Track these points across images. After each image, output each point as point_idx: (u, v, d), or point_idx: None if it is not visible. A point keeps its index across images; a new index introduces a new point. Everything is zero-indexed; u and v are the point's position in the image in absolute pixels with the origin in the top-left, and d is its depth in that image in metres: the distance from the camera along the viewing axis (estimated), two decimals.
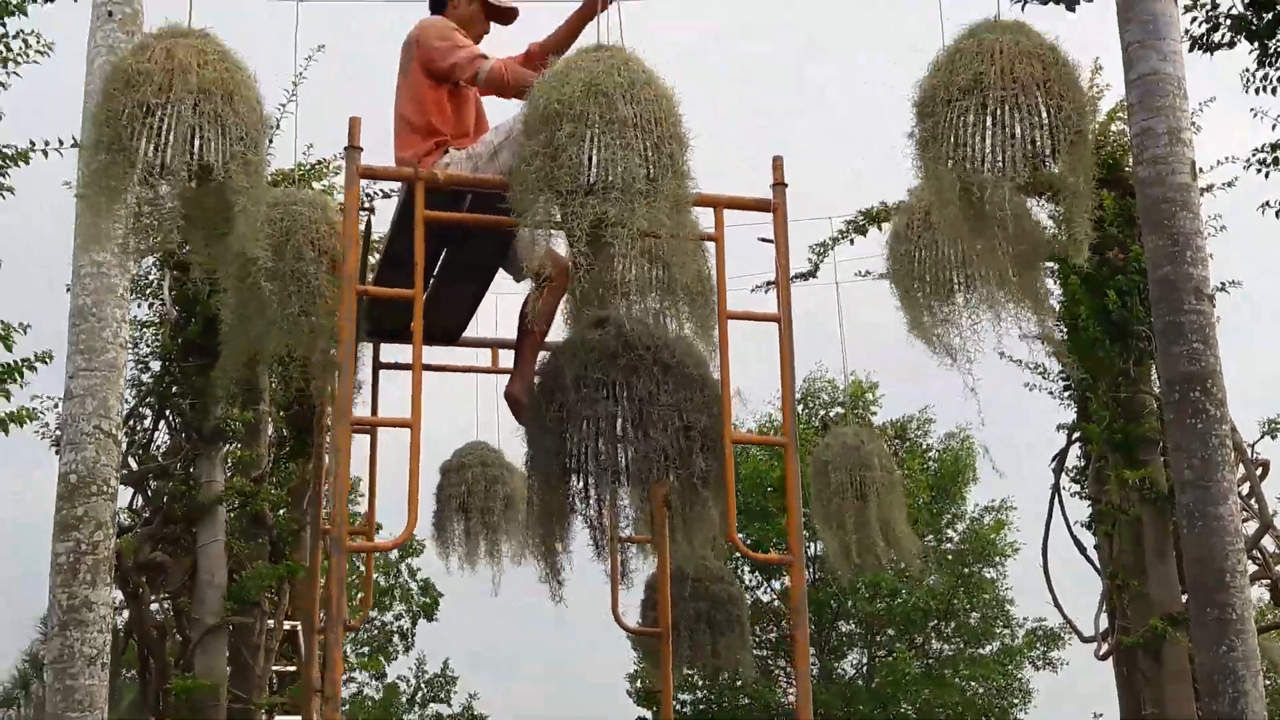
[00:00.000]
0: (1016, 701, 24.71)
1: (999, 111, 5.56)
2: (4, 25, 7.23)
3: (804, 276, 11.57)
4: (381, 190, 10.85)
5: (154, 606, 11.67)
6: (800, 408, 24.31)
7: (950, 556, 25.07)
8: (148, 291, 11.10)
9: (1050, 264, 9.47)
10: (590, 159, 5.11)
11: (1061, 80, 5.69)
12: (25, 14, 7.17)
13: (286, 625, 12.01)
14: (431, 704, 28.65)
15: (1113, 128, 11.06)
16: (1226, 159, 10.40)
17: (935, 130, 5.68)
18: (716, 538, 5.96)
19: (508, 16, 6.64)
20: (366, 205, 6.51)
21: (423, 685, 28.79)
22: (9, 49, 7.40)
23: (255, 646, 11.61)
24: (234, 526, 11.68)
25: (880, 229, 11.09)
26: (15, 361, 7.66)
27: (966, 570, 25.10)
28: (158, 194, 5.10)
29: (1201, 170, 10.76)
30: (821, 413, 24.33)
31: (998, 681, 24.41)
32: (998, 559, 25.03)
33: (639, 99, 5.23)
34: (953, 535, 25.42)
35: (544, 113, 5.21)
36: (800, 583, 5.63)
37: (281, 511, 12.11)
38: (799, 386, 24.56)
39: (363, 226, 6.17)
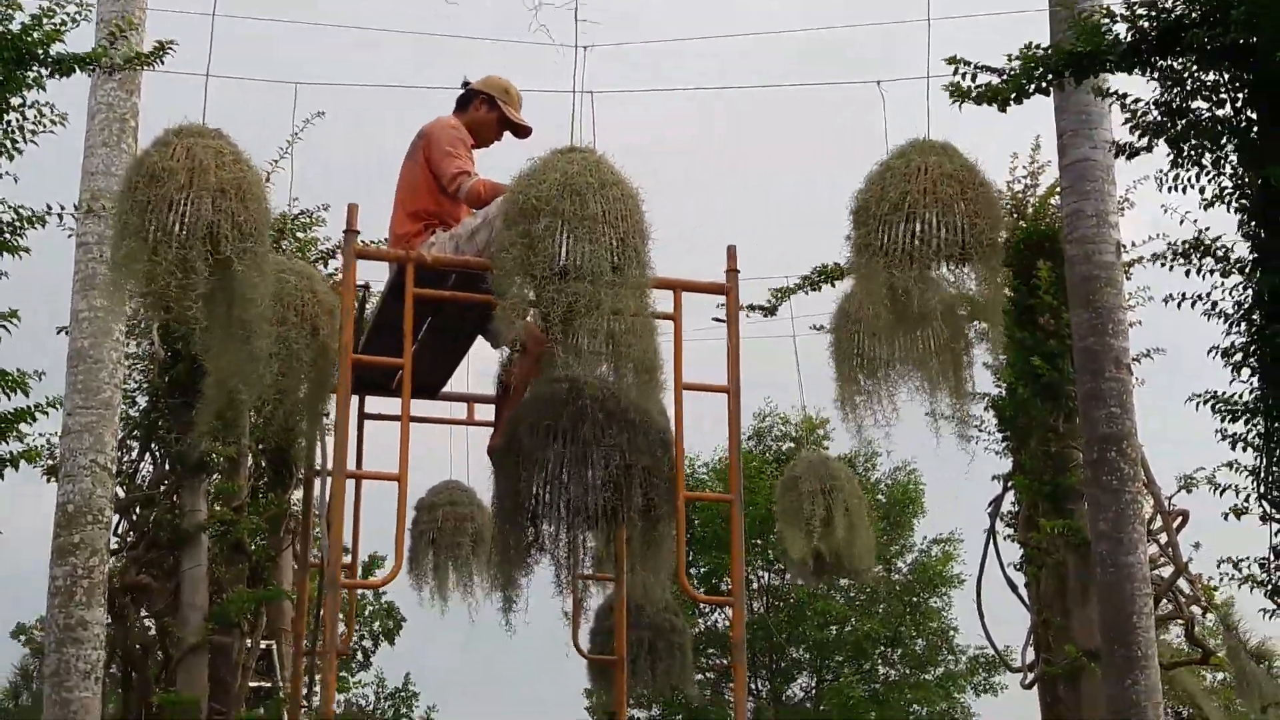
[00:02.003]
0: None
1: (921, 226, 6.33)
2: (23, 96, 7.84)
3: (763, 311, 12.27)
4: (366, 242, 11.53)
5: (138, 626, 12.31)
6: (754, 443, 25.07)
7: (899, 587, 25.83)
8: (135, 331, 11.72)
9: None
10: (563, 249, 5.81)
11: (978, 199, 6.47)
12: (44, 89, 7.79)
13: (263, 644, 12.67)
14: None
15: (1052, 200, 11.87)
16: (1158, 235, 11.24)
17: (868, 238, 6.45)
18: (665, 578, 6.65)
19: (522, 132, 7.35)
20: (362, 285, 7.19)
21: (383, 700, 29.30)
22: (25, 117, 8.03)
23: (234, 664, 12.28)
24: (215, 552, 12.31)
25: (834, 285, 11.84)
26: (29, 406, 8.30)
27: (914, 599, 25.85)
28: (177, 278, 5.66)
29: (1133, 244, 11.59)
30: (775, 445, 25.07)
31: (939, 704, 25.19)
32: (944, 589, 25.79)
33: (608, 197, 5.94)
34: (901, 566, 26.18)
35: (522, 207, 5.92)
36: (740, 621, 6.35)
37: (260, 539, 12.77)
38: (750, 424, 25.32)
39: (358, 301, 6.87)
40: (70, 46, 7.99)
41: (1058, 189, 11.36)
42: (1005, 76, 7.20)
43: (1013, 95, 7.12)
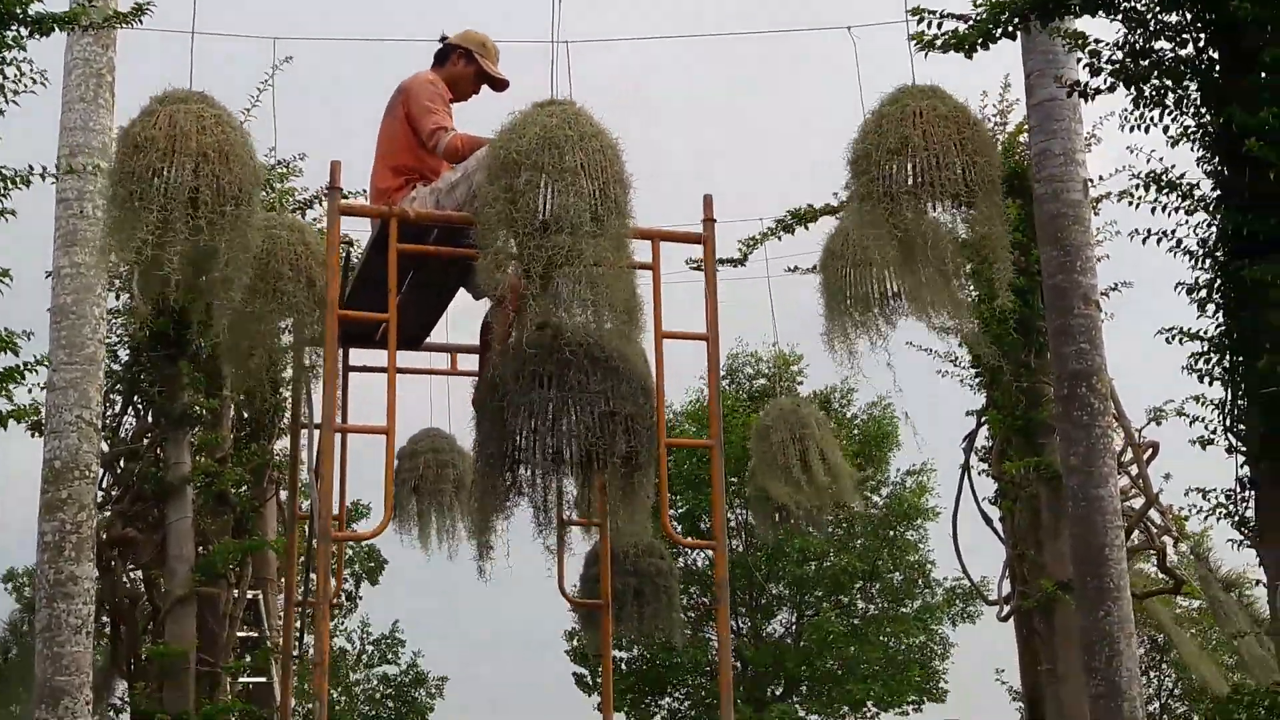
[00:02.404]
0: (937, 654, 25.86)
1: (923, 166, 6.49)
2: (2, 56, 7.87)
3: (734, 263, 12.42)
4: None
5: (126, 579, 12.45)
6: (727, 382, 25.24)
7: (875, 521, 26.10)
8: (116, 284, 11.78)
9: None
10: (544, 203, 5.92)
11: (974, 139, 6.64)
12: (24, 49, 7.82)
13: (250, 595, 12.83)
14: (379, 665, 29.38)
15: (1021, 138, 12.00)
16: (1124, 168, 11.39)
17: (870, 186, 6.59)
18: (647, 522, 6.78)
19: (499, 85, 7.42)
20: (345, 240, 7.29)
21: (368, 646, 29.48)
22: (4, 75, 8.06)
23: (221, 615, 12.44)
24: (200, 504, 12.44)
25: (806, 228, 11.98)
26: (19, 364, 8.38)
27: (890, 533, 26.14)
28: (164, 241, 5.78)
29: (1101, 178, 11.74)
30: (748, 384, 25.25)
31: (918, 637, 25.56)
32: (919, 521, 26.07)
33: (587, 149, 6.04)
34: (878, 500, 26.44)
35: (504, 161, 6.01)
36: (722, 564, 6.51)
37: (244, 489, 12.90)
38: (724, 362, 25.46)
39: (342, 257, 6.97)
40: (49, 5, 8.02)
41: (1025, 128, 11.49)
42: (971, 23, 7.30)
43: (979, 41, 7.23)
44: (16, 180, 7.89)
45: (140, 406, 12.57)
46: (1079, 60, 7.77)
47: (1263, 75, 7.07)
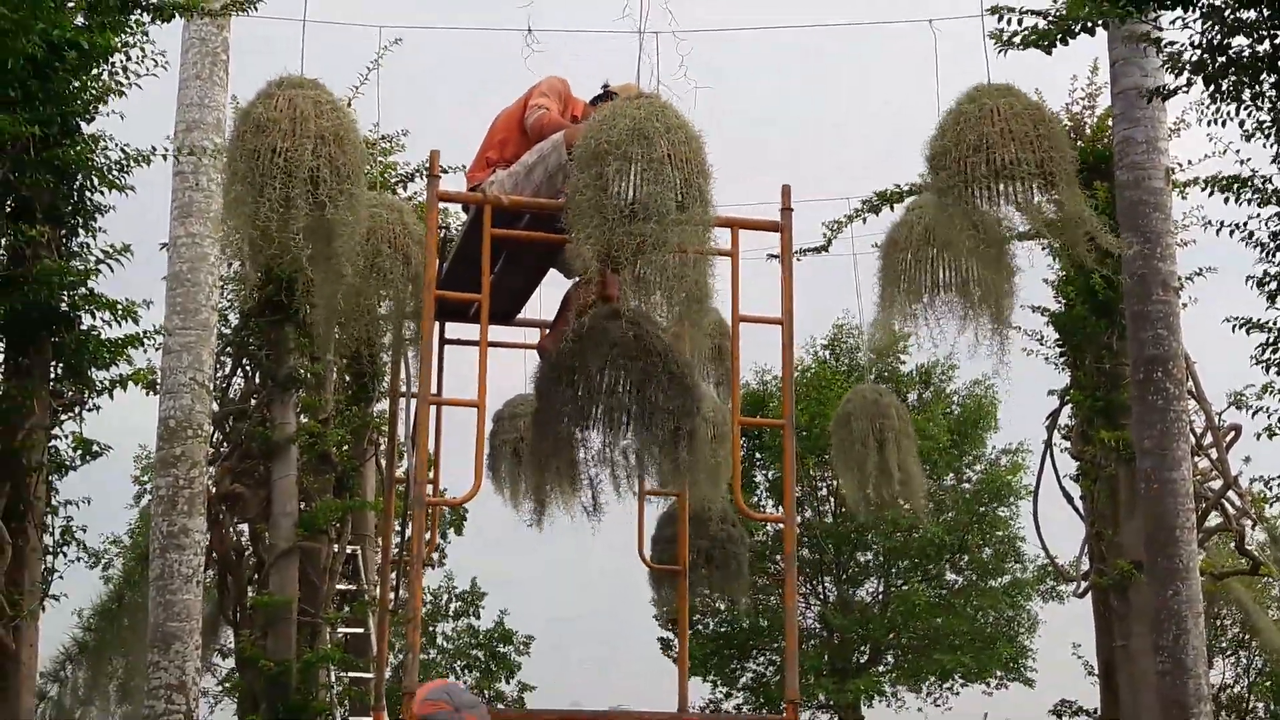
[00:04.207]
0: (1024, 630, 25.91)
1: (1003, 161, 6.74)
2: (127, 40, 8.38)
3: (816, 251, 12.71)
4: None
5: (233, 533, 13.08)
6: (829, 353, 25.46)
7: (968, 496, 26.17)
8: (227, 251, 12.29)
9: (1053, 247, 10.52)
10: (631, 190, 6.25)
11: (1050, 135, 6.88)
12: (146, 34, 8.32)
13: (349, 550, 13.40)
14: (463, 618, 30.03)
15: (1109, 122, 12.09)
16: (1212, 154, 11.46)
17: (949, 181, 6.85)
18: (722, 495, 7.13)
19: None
20: (443, 225, 7.69)
21: (455, 599, 30.12)
22: (128, 58, 8.58)
23: (322, 569, 13.02)
24: (304, 463, 13.01)
25: (891, 209, 12.21)
26: (140, 332, 8.95)
27: (982, 509, 26.21)
28: (286, 218, 6.21)
29: (1189, 163, 11.82)
30: (849, 358, 25.42)
31: (1006, 612, 25.63)
32: (1012, 499, 26.10)
33: (673, 140, 6.37)
34: (971, 476, 26.51)
35: (594, 150, 6.36)
36: (791, 537, 6.84)
37: (345, 450, 13.45)
38: (827, 332, 25.68)
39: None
40: None
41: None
42: (1051, 19, 7.52)
43: (1058, 38, 7.44)
44: (139, 159, 8.38)
45: (248, 369, 13.15)
46: (1158, 54, 7.97)
47: None
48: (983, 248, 6.97)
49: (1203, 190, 7.97)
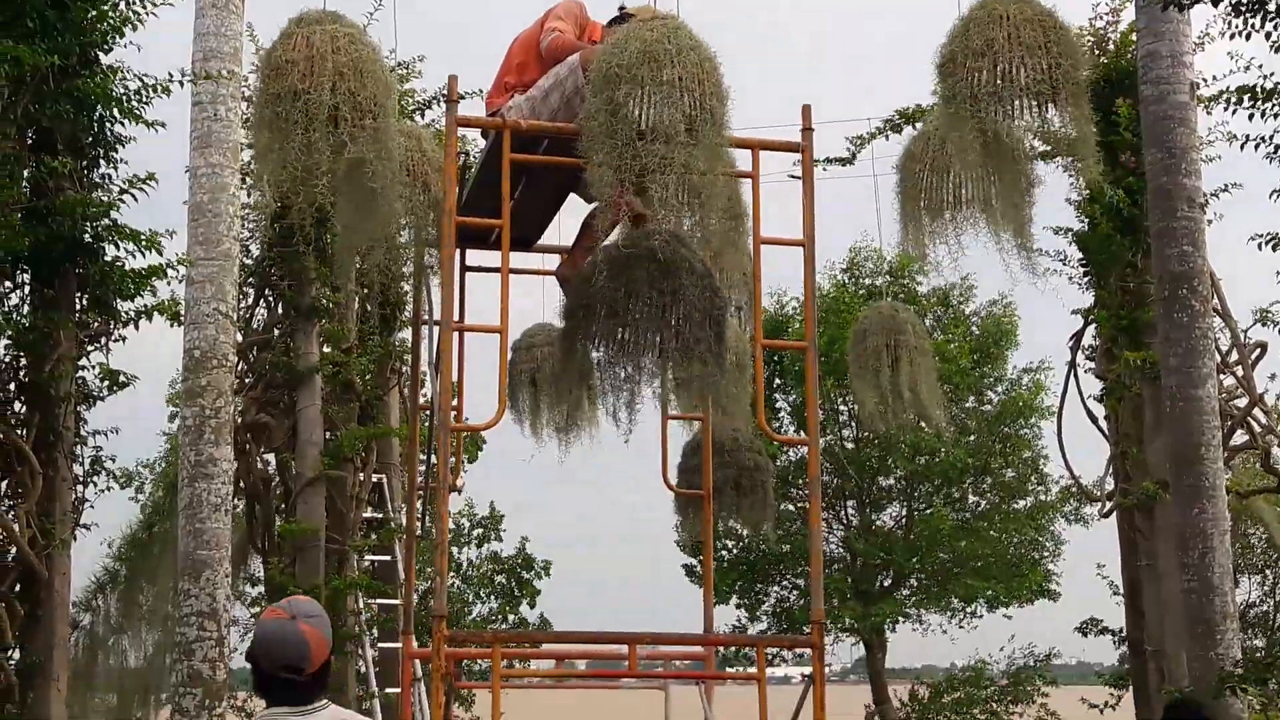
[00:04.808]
0: (1048, 554, 25.97)
1: (1008, 69, 6.66)
2: None
3: (842, 162, 12.65)
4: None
5: (260, 461, 13.17)
6: (847, 276, 25.36)
7: (990, 417, 26.11)
8: (247, 180, 12.31)
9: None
10: (640, 113, 6.22)
11: (1060, 41, 6.78)
12: None
13: (375, 478, 13.49)
14: (485, 545, 30.25)
15: (1133, 37, 11.94)
16: (1235, 69, 11.31)
17: (955, 87, 6.78)
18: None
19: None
20: (462, 151, 7.66)
21: (477, 525, 30.33)
22: None
23: (348, 497, 13.12)
24: (328, 392, 13.07)
25: (914, 126, 12.11)
26: (164, 262, 8.98)
27: (1004, 430, 26.15)
28: (310, 157, 6.21)
29: (1214, 78, 11.68)
30: (867, 281, 25.32)
31: (1029, 535, 25.67)
32: (1034, 419, 26.03)
33: (685, 63, 6.32)
34: (992, 397, 26.44)
35: (606, 74, 6.33)
36: (815, 460, 6.87)
37: (368, 379, 13.50)
38: (845, 256, 25.57)
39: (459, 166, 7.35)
40: None
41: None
42: None
43: None
44: (158, 88, 8.36)
45: (271, 299, 13.18)
46: None
47: None
48: (994, 160, 6.90)
49: (1225, 109, 7.85)
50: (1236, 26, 7.69)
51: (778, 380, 24.84)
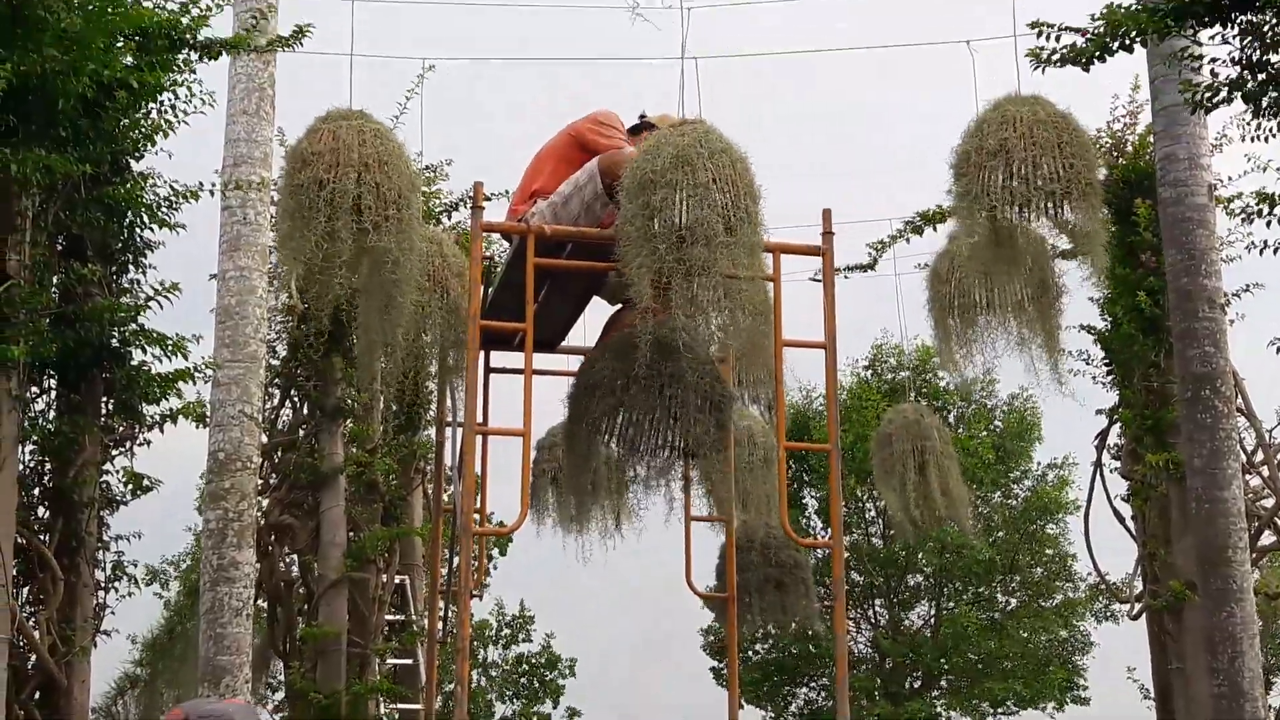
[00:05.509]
0: (1077, 651, 25.67)
1: (1022, 169, 6.71)
2: (174, 79, 8.50)
3: (863, 269, 12.73)
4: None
5: (282, 563, 13.15)
6: (868, 372, 25.39)
7: (1016, 513, 25.96)
8: (274, 282, 12.44)
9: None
10: (679, 215, 6.28)
11: (1073, 142, 6.84)
12: (194, 71, 8.45)
13: (397, 580, 13.45)
14: (513, 645, 30.08)
15: (1151, 139, 12.04)
16: (1253, 169, 11.37)
17: (969, 186, 6.84)
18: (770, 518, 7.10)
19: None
20: (486, 256, 7.74)
21: (504, 626, 30.18)
22: (176, 96, 8.71)
23: (371, 599, 13.06)
24: (352, 493, 13.08)
25: (935, 229, 12.20)
26: (190, 365, 9.06)
27: (1031, 527, 25.99)
28: (331, 244, 6.28)
29: (1230, 179, 11.75)
30: (890, 376, 25.33)
31: (1059, 633, 25.40)
32: (1060, 515, 25.89)
33: (717, 164, 6.39)
34: (1018, 493, 26.31)
35: (641, 180, 6.39)
36: (839, 564, 6.83)
37: (392, 479, 13.51)
38: (867, 353, 25.62)
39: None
40: (215, 26, 8.64)
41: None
42: (1089, 36, 7.49)
43: (1095, 55, 7.41)
44: (187, 195, 8.48)
45: (296, 399, 13.24)
46: (1195, 70, 7.92)
47: None
48: (1012, 264, 6.93)
49: (1245, 221, 7.89)
50: (1253, 130, 7.73)
51: (805, 476, 24.79)
